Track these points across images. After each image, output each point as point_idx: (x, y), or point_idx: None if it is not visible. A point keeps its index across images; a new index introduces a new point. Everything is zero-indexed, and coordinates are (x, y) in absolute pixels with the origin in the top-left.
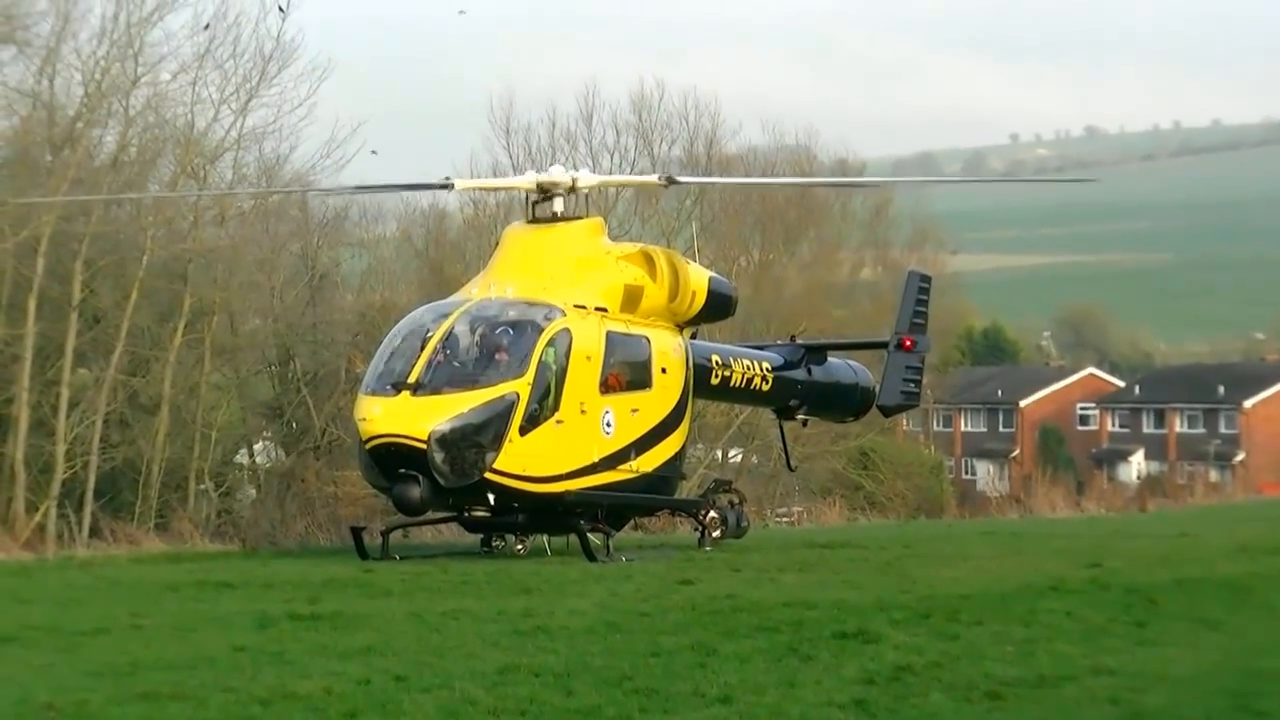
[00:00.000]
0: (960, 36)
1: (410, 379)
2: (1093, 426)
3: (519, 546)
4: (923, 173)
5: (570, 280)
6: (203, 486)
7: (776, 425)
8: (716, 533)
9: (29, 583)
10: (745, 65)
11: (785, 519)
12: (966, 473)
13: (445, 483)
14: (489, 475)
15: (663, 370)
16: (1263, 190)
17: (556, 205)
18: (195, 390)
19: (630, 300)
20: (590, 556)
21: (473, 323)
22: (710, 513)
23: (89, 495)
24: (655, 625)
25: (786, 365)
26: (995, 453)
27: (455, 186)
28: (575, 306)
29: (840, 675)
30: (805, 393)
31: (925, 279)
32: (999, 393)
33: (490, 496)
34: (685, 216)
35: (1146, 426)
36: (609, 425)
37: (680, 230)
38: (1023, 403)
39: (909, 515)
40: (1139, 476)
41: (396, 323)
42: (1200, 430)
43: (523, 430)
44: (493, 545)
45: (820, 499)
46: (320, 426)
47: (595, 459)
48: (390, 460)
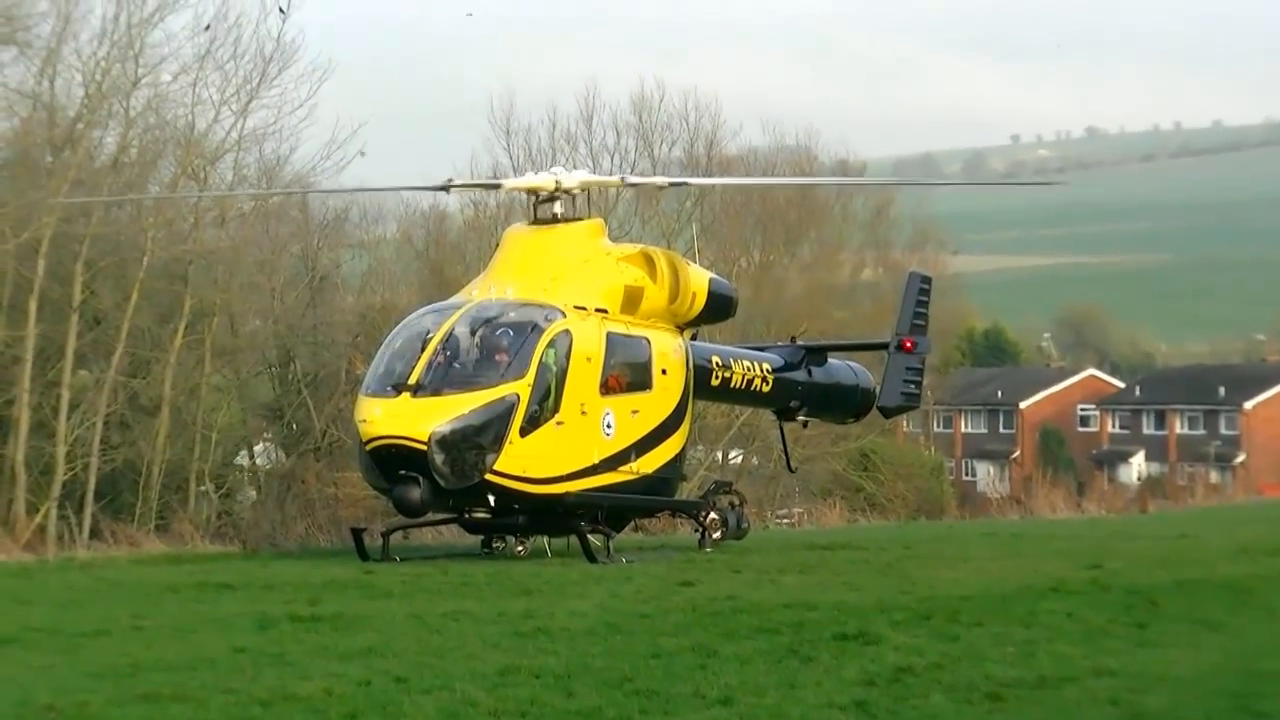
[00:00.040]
0: (960, 37)
1: (410, 380)
2: (1093, 428)
3: (519, 548)
4: (924, 173)
5: (570, 281)
6: (203, 488)
7: (777, 426)
8: (717, 534)
9: (29, 584)
10: (746, 66)
11: (785, 520)
12: (967, 474)
13: (445, 484)
14: (489, 476)
15: (663, 371)
16: (1263, 191)
17: (556, 207)
18: (196, 392)
19: (631, 301)
20: (591, 558)
21: (473, 324)
22: (710, 514)
23: (89, 497)
24: (656, 627)
25: (787, 366)
26: (996, 454)
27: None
28: (575, 308)
29: (841, 677)
30: (806, 394)
31: (926, 280)
32: (999, 394)
33: (490, 498)
34: (686, 218)
35: (1147, 428)
36: (609, 426)
37: (681, 231)
38: (1023, 404)
39: (909, 517)
40: (1139, 478)
41: (397, 324)
42: (1201, 431)
43: (523, 431)
44: (493, 547)
45: (820, 500)
46: (320, 428)
47: (595, 460)
48: (390, 462)
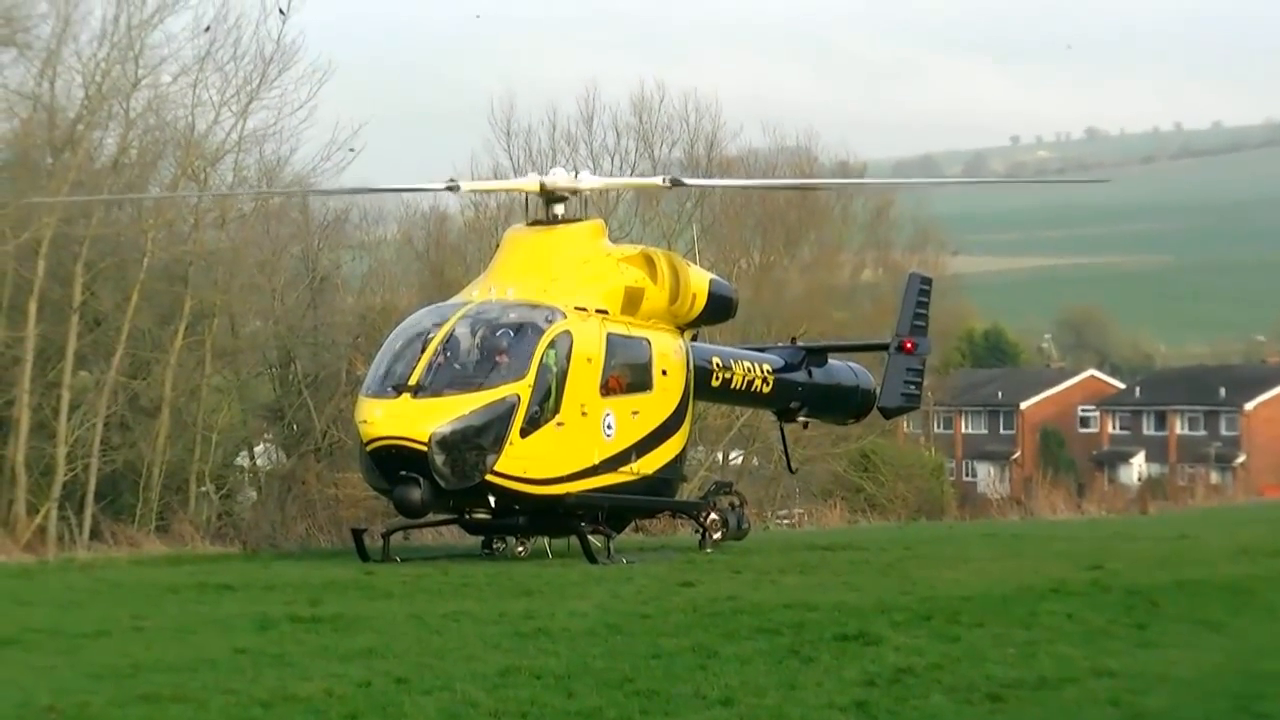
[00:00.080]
0: (960, 38)
1: (411, 381)
2: (1093, 428)
3: (520, 549)
4: (924, 175)
5: (571, 282)
6: (203, 489)
7: (777, 427)
8: (717, 535)
9: (30, 585)
10: (746, 67)
11: (786, 521)
12: (967, 475)
13: (446, 485)
14: (490, 477)
15: (663, 372)
16: (1264, 192)
17: (558, 208)
18: (196, 392)
19: (631, 302)
20: (591, 558)
21: (473, 325)
22: (711, 515)
23: (90, 497)
24: (656, 627)
25: (787, 367)
26: (996, 455)
27: (460, 188)
28: (576, 309)
29: (841, 677)
30: (806, 395)
31: (926, 281)
32: (1000, 395)
33: (491, 499)
34: (686, 219)
35: (1147, 428)
36: (610, 427)
37: (681, 232)
38: (1023, 405)
39: (910, 517)
40: (1140, 478)
41: (397, 325)
42: (1201, 432)
43: (523, 432)
44: (493, 547)
45: (821, 501)
46: (321, 429)
47: (596, 461)
48: (391, 462)
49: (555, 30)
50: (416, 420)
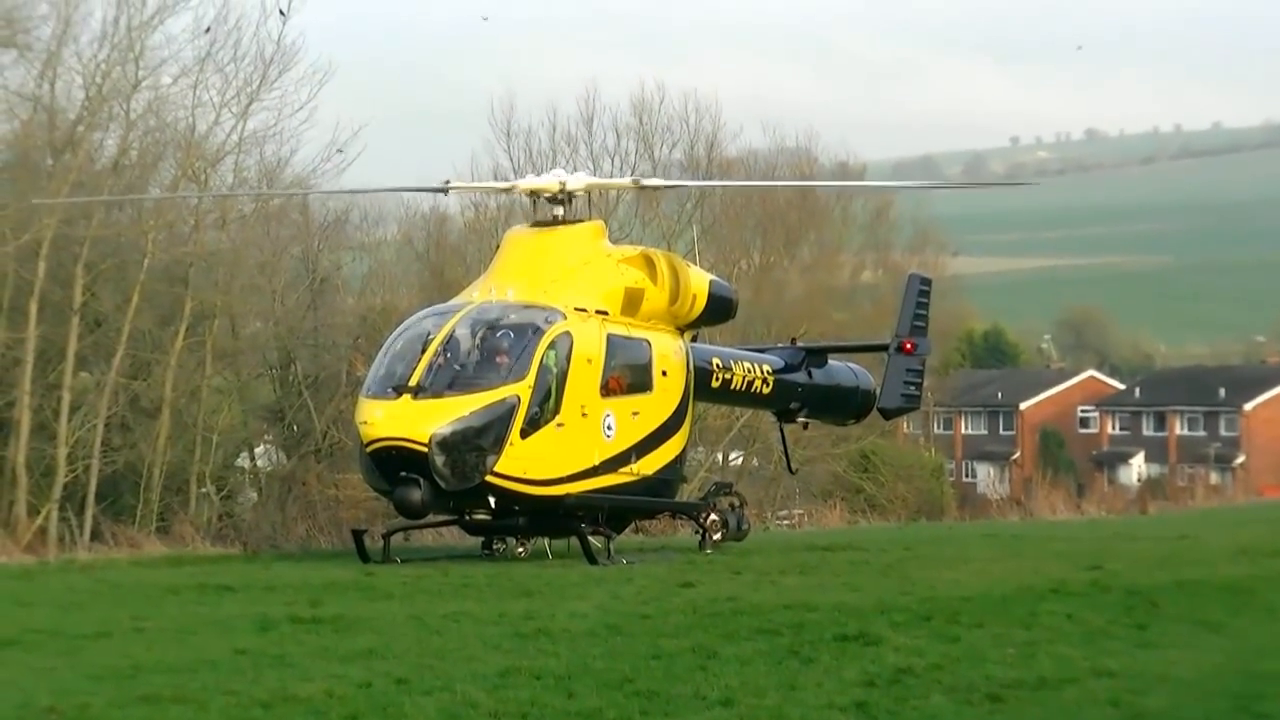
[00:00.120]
0: (960, 38)
1: (411, 382)
2: (1093, 429)
3: (520, 549)
4: (924, 175)
5: (571, 283)
6: (204, 490)
7: (777, 428)
8: (717, 535)
9: (30, 586)
10: (746, 67)
11: (786, 522)
12: (967, 475)
13: (446, 486)
14: (490, 478)
15: (663, 373)
16: (1263, 193)
17: (558, 209)
18: (196, 394)
19: (631, 303)
20: (591, 559)
21: (473, 326)
22: (711, 515)
23: (90, 498)
24: (656, 628)
25: (787, 368)
26: (996, 455)
27: (449, 190)
28: (576, 309)
29: (841, 678)
30: (806, 395)
31: (926, 282)
32: (999, 395)
33: (491, 499)
34: (686, 219)
35: (1147, 429)
36: (610, 428)
37: (681, 233)
38: (1023, 405)
39: (909, 518)
40: (1139, 479)
41: (397, 326)
42: (1201, 433)
43: (524, 433)
44: (494, 548)
45: (821, 502)
46: (321, 430)
47: (596, 462)
48: (391, 463)
49: (555, 30)
50: (417, 421)
